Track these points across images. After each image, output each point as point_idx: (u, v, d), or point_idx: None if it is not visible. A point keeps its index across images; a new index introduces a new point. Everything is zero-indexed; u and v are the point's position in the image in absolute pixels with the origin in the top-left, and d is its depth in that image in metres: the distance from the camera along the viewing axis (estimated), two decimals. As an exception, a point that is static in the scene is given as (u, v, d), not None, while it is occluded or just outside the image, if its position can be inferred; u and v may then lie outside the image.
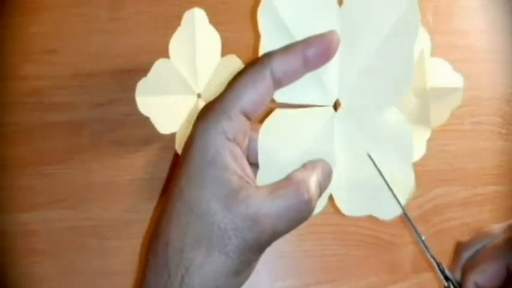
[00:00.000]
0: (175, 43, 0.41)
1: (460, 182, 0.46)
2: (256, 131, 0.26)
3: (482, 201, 0.46)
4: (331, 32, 0.25)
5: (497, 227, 0.30)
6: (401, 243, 0.45)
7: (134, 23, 0.45)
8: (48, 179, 0.43)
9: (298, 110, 0.27)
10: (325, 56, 0.25)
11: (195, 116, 0.38)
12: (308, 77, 0.26)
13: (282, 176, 0.26)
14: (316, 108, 0.27)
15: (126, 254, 0.42)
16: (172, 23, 0.41)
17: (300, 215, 0.25)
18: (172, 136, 0.42)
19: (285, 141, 0.26)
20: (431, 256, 0.28)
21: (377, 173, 0.27)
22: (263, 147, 0.26)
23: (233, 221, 0.23)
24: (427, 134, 0.43)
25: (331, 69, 0.26)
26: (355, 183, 0.28)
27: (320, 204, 0.27)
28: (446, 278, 0.28)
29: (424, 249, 0.28)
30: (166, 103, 0.41)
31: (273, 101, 0.26)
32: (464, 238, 0.31)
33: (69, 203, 0.42)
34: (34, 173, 0.43)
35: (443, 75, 0.44)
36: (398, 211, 0.27)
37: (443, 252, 0.37)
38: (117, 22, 0.45)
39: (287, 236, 0.45)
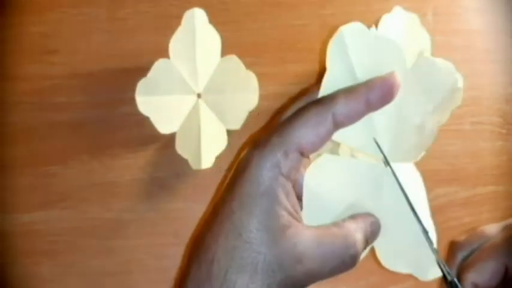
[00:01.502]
0: (175, 43, 0.41)
1: (460, 182, 0.46)
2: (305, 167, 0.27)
3: (482, 201, 0.46)
4: (392, 74, 0.26)
5: (493, 227, 0.30)
6: (401, 243, 0.45)
7: (134, 23, 0.45)
8: (48, 179, 0.43)
9: (349, 159, 0.27)
10: (387, 98, 0.25)
11: (195, 116, 0.39)
12: (362, 122, 0.26)
13: (326, 219, 0.26)
14: (366, 162, 0.27)
15: (126, 254, 0.42)
16: (172, 23, 0.41)
17: (343, 266, 0.25)
18: (172, 136, 0.42)
19: (331, 186, 0.27)
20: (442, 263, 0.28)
21: (419, 232, 0.27)
22: (309, 186, 0.26)
23: (279, 256, 0.23)
24: None
25: (384, 120, 0.26)
26: (399, 240, 0.28)
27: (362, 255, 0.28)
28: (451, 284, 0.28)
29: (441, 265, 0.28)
30: (166, 103, 0.41)
31: None
32: (459, 237, 0.31)
33: (69, 203, 0.42)
34: (34, 173, 0.43)
35: (443, 76, 0.44)
36: (437, 273, 0.28)
37: (444, 252, 0.37)
38: (117, 22, 0.45)
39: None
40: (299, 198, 0.27)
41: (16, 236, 0.42)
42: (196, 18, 0.41)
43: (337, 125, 0.25)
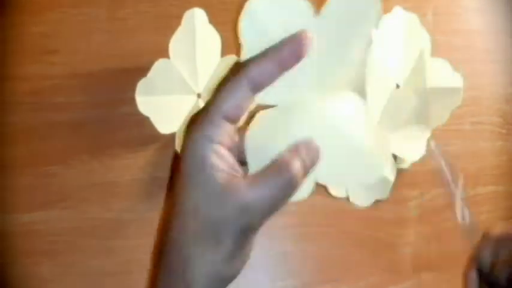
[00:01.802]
0: (175, 43, 0.41)
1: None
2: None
3: (482, 201, 0.46)
4: (302, 31, 0.27)
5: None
6: (402, 243, 0.45)
7: (134, 23, 0.45)
8: (48, 179, 0.43)
9: (277, 109, 0.28)
10: (298, 54, 0.27)
11: None
12: (284, 80, 0.27)
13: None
14: (294, 106, 0.28)
15: (125, 254, 0.42)
16: (172, 23, 0.41)
17: (283, 193, 0.26)
18: (172, 136, 0.42)
19: (270, 140, 0.28)
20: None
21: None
22: (250, 148, 0.28)
23: (224, 213, 0.25)
24: (426, 134, 0.43)
25: (305, 72, 0.28)
26: (336, 165, 0.29)
27: (308, 187, 0.29)
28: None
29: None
30: (166, 103, 0.41)
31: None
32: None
33: (69, 203, 0.42)
34: (34, 173, 0.43)
35: (443, 75, 0.44)
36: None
37: (444, 252, 0.37)
38: (117, 22, 0.45)
39: (287, 236, 0.45)
40: (242, 162, 0.28)
41: (16, 236, 0.42)
42: (196, 18, 0.41)
43: (255, 88, 0.27)
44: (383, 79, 0.44)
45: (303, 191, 0.28)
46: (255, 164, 0.27)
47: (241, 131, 0.28)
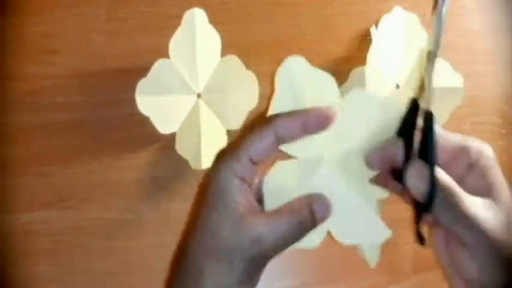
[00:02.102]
0: (175, 43, 0.41)
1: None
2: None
3: (482, 201, 0.46)
4: (329, 107, 0.30)
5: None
6: (401, 243, 0.45)
7: (134, 23, 0.45)
8: (48, 179, 0.43)
9: (296, 161, 0.32)
10: (322, 125, 0.30)
11: (195, 116, 0.40)
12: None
13: None
14: (309, 161, 0.32)
15: (125, 254, 0.42)
16: (172, 23, 0.41)
17: (294, 231, 0.30)
18: (172, 136, 0.42)
19: (286, 186, 0.31)
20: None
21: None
22: (268, 190, 0.31)
23: (239, 240, 0.28)
24: None
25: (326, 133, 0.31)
26: (348, 217, 0.32)
27: (320, 236, 0.32)
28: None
29: None
30: (166, 103, 0.41)
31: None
32: None
33: (69, 203, 0.42)
34: (34, 173, 0.43)
35: (443, 75, 0.44)
36: (385, 235, 0.34)
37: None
38: (117, 22, 0.45)
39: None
40: (259, 202, 0.31)
41: (16, 236, 0.42)
42: (197, 18, 0.41)
43: (279, 140, 0.30)
44: (383, 79, 0.44)
45: (314, 240, 0.31)
46: (270, 204, 0.31)
47: (262, 174, 0.32)
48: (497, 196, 0.31)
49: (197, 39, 0.41)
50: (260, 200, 0.31)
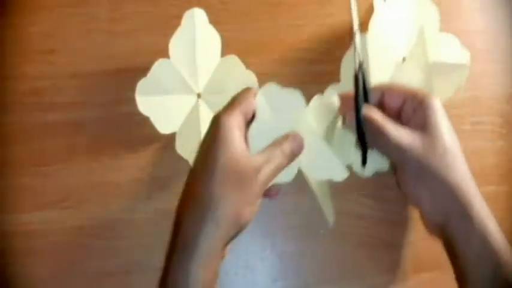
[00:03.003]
0: (175, 43, 0.41)
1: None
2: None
3: (482, 201, 0.46)
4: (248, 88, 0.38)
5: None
6: (401, 243, 0.45)
7: (134, 23, 0.45)
8: (48, 179, 0.43)
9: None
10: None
11: (195, 116, 0.41)
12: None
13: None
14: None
15: (125, 254, 0.42)
16: (172, 23, 0.41)
17: (279, 159, 0.36)
18: (172, 136, 0.42)
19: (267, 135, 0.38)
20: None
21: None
22: (252, 139, 0.37)
23: (246, 170, 0.34)
24: None
25: None
26: (318, 157, 0.40)
27: (292, 171, 0.39)
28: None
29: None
30: (166, 103, 0.41)
31: None
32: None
33: (69, 203, 0.42)
34: (34, 173, 0.43)
35: (451, 50, 0.44)
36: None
37: (444, 252, 0.37)
38: (117, 22, 0.45)
39: (287, 236, 0.45)
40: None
41: (16, 236, 0.42)
42: (196, 18, 0.41)
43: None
44: (389, 51, 0.44)
45: (288, 175, 0.38)
46: (255, 148, 0.37)
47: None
48: (431, 132, 0.37)
49: (197, 39, 0.41)
50: None
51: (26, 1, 0.44)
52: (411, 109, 0.39)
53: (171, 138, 0.42)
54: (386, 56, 0.44)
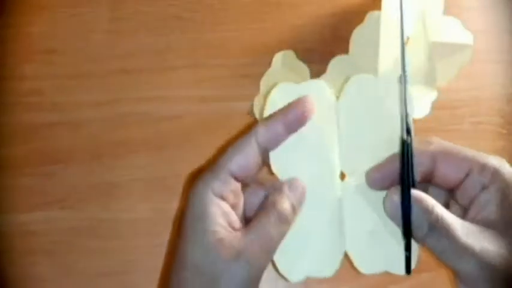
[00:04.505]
0: None
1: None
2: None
3: (482, 201, 0.46)
4: (304, 98, 0.29)
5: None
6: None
7: (134, 23, 0.45)
8: (48, 179, 0.43)
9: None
10: (303, 118, 0.29)
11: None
12: (307, 154, 0.30)
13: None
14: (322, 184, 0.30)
15: (125, 254, 0.42)
16: (172, 23, 0.41)
17: (274, 230, 0.28)
18: (173, 136, 0.42)
19: None
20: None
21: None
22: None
23: (221, 267, 0.26)
24: (432, 95, 0.43)
25: (330, 148, 0.30)
26: (370, 243, 0.31)
27: (333, 263, 0.31)
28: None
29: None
30: None
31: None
32: None
33: (69, 203, 0.42)
34: (34, 173, 0.43)
35: (453, 32, 0.44)
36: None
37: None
38: (117, 22, 0.45)
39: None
40: (247, 219, 0.29)
41: (16, 236, 0.42)
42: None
43: (263, 148, 0.29)
44: (394, 31, 0.44)
45: (328, 269, 0.31)
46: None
47: (248, 189, 0.30)
48: (508, 226, 0.26)
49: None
50: (249, 218, 0.29)
51: (26, 1, 0.44)
52: (478, 187, 0.28)
53: (171, 137, 0.42)
54: (395, 34, 0.43)
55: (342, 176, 0.31)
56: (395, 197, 0.28)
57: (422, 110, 0.43)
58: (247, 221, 0.29)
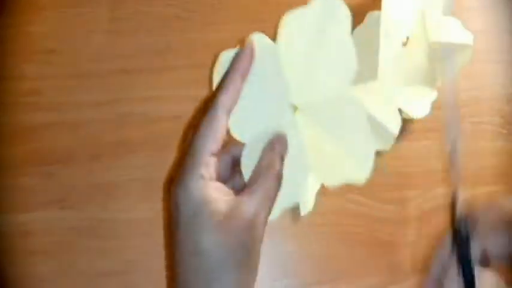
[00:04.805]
0: None
1: (460, 182, 0.46)
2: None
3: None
4: (246, 42, 0.31)
5: (502, 201, 0.31)
6: (401, 243, 0.45)
7: (134, 23, 0.45)
8: (48, 179, 0.43)
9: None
10: (251, 60, 0.31)
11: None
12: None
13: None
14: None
15: (126, 254, 0.42)
16: (172, 23, 0.41)
17: (274, 190, 0.30)
18: (173, 136, 0.42)
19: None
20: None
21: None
22: (245, 163, 0.31)
23: (232, 240, 0.27)
24: (432, 95, 0.43)
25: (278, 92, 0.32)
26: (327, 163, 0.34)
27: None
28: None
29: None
30: None
31: None
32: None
33: (69, 203, 0.42)
34: (34, 173, 0.43)
35: (453, 32, 0.44)
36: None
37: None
38: (117, 22, 0.45)
39: (287, 236, 0.45)
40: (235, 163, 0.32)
41: (16, 236, 0.42)
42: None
43: (229, 111, 0.30)
44: (394, 31, 0.44)
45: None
46: (248, 174, 0.31)
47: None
48: None
49: None
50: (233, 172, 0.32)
51: (26, 1, 0.44)
52: None
53: (171, 138, 0.42)
54: (395, 34, 0.43)
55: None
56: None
57: (423, 110, 0.43)
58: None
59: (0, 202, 0.42)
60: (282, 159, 0.31)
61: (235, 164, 0.32)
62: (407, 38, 0.44)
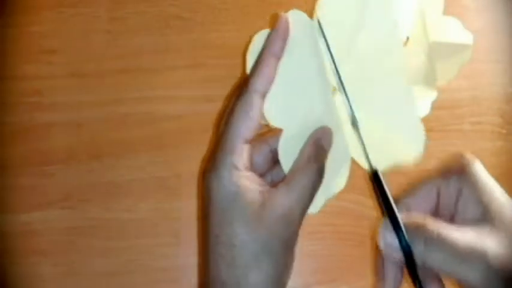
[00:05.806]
0: None
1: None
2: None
3: (482, 201, 0.46)
4: (280, 19, 0.30)
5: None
6: (401, 243, 0.45)
7: (134, 23, 0.45)
8: (48, 179, 0.43)
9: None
10: (285, 40, 0.29)
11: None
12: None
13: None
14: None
15: (125, 254, 0.42)
16: (172, 23, 0.41)
17: (314, 184, 0.28)
18: (173, 135, 0.42)
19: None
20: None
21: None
22: (284, 153, 0.29)
23: (266, 231, 0.26)
24: (432, 95, 0.43)
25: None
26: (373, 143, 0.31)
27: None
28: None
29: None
30: None
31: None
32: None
33: (69, 203, 0.42)
34: (34, 173, 0.43)
35: (453, 32, 0.44)
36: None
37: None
38: (117, 22, 0.45)
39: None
40: (274, 155, 0.30)
41: (16, 236, 0.42)
42: None
43: (262, 95, 0.28)
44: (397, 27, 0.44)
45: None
46: (287, 165, 0.29)
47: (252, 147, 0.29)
48: (495, 215, 0.26)
49: None
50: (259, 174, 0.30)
51: (26, 1, 0.44)
52: (453, 196, 0.28)
53: (172, 137, 0.42)
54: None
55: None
56: (388, 235, 0.29)
57: (422, 110, 0.43)
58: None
59: (0, 202, 0.42)
60: (326, 153, 0.30)
61: (275, 156, 0.31)
62: (408, 38, 0.44)
